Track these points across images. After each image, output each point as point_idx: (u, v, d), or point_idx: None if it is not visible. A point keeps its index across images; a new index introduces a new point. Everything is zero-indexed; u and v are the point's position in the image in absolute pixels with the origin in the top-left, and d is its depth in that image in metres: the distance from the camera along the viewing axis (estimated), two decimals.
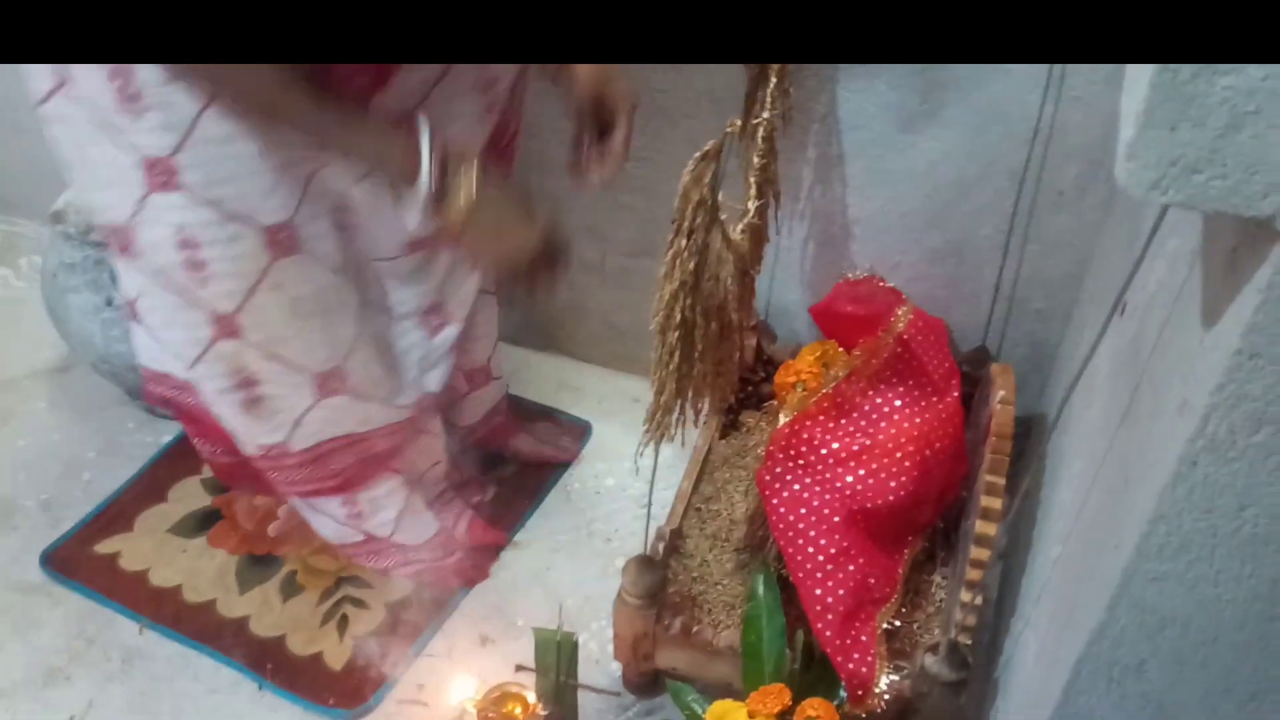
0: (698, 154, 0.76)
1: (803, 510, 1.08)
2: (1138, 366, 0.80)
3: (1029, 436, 1.38)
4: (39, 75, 1.00)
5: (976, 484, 1.12)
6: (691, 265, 0.82)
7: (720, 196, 0.85)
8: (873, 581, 1.08)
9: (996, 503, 1.07)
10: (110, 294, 1.41)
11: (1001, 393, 1.15)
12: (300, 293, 1.07)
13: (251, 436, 1.16)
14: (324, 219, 1.07)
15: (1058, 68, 1.11)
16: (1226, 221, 0.50)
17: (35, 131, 1.09)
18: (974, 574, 1.04)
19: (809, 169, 1.31)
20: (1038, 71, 1.13)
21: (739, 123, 0.76)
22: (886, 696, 1.01)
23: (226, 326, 1.08)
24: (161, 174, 0.98)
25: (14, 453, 1.53)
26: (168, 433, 1.55)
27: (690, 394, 0.97)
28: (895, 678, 1.02)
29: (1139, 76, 0.48)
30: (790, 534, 1.06)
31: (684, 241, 0.80)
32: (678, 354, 0.86)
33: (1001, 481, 1.07)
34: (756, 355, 1.40)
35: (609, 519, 1.44)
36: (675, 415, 0.94)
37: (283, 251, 1.04)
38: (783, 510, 1.08)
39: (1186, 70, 0.45)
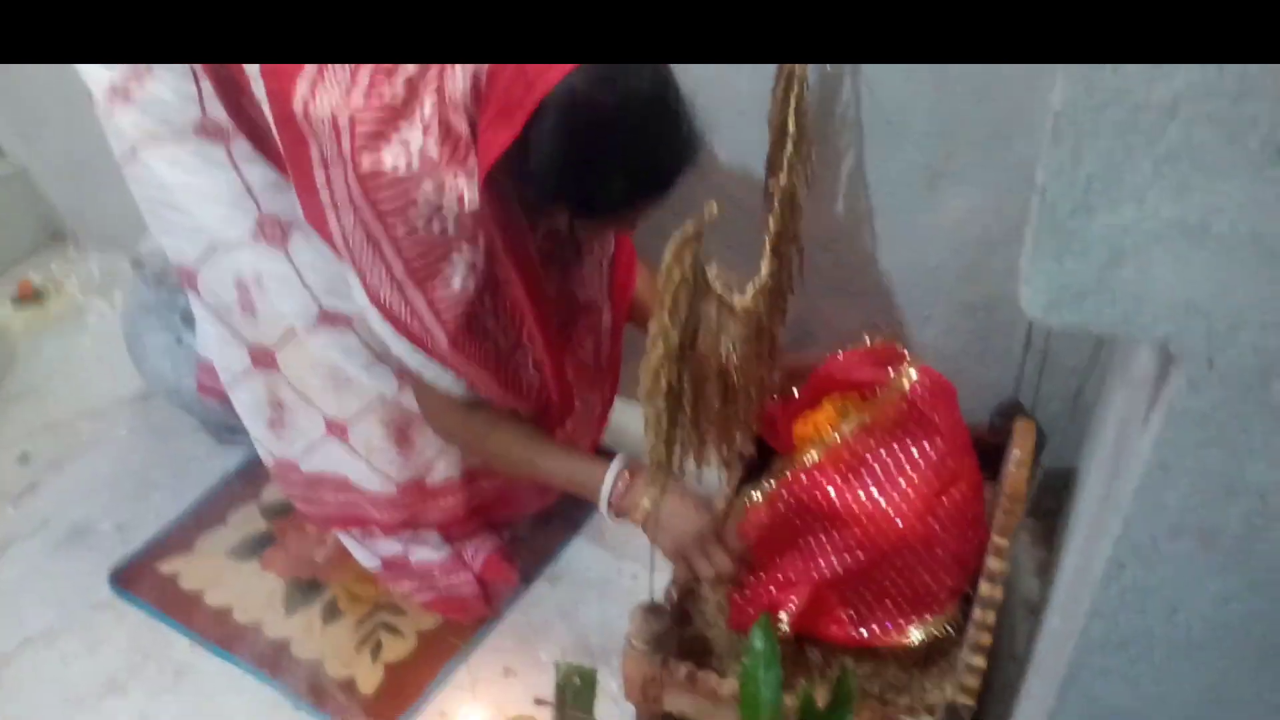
0: (678, 234, 0.80)
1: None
2: (1119, 447, 0.80)
3: (1067, 490, 1.36)
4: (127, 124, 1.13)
5: (990, 544, 1.12)
6: (676, 338, 0.85)
7: (716, 269, 0.89)
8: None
9: (1001, 565, 1.06)
10: (180, 333, 1.52)
11: (1017, 453, 1.15)
12: (319, 358, 1.20)
13: (268, 447, 1.33)
14: None
15: None
16: None
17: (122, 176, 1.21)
18: (976, 635, 1.04)
19: (836, 224, 1.33)
20: None
21: (715, 208, 0.79)
22: None
23: (266, 359, 1.25)
24: (274, 230, 1.15)
25: (96, 477, 1.66)
26: (233, 459, 1.66)
27: (691, 455, 1.00)
28: None
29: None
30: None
31: (667, 317, 0.83)
32: (665, 419, 0.89)
33: (1006, 543, 1.07)
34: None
35: (639, 556, 1.47)
36: (675, 473, 0.97)
37: (329, 323, 1.17)
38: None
39: (1065, 207, 0.47)
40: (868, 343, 1.25)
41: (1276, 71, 0.39)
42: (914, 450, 1.13)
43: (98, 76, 1.12)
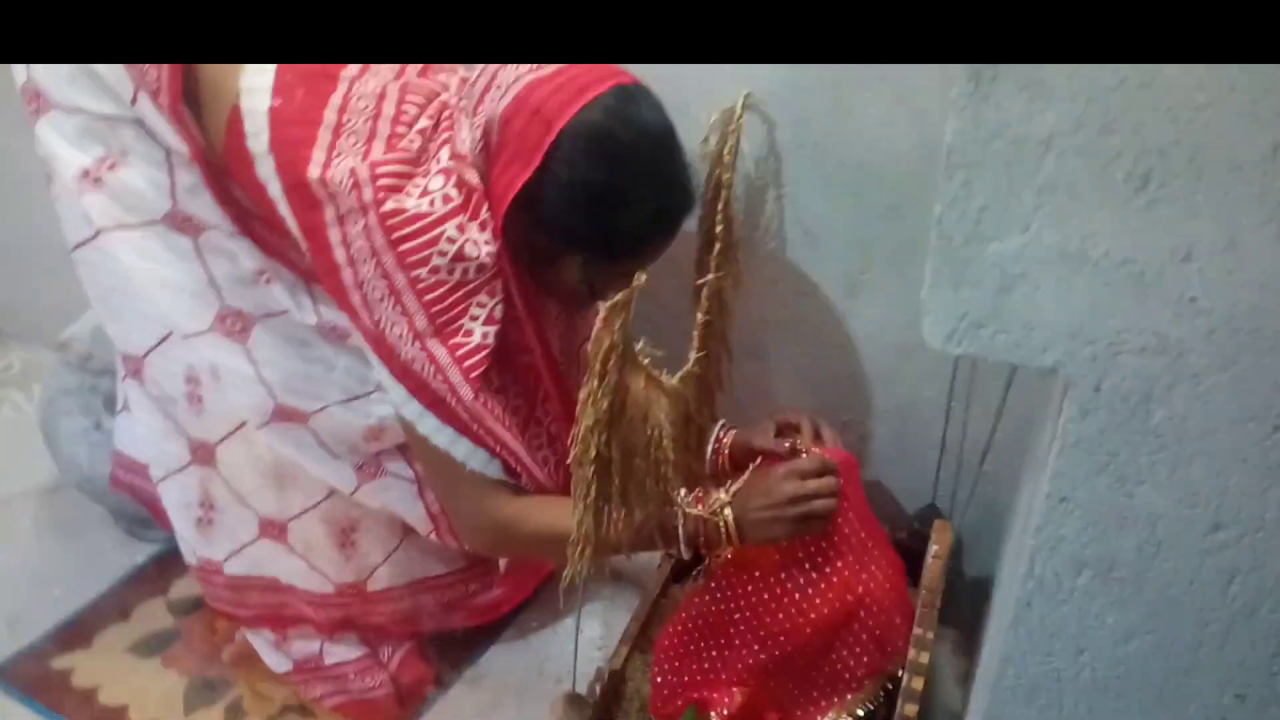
0: (608, 303, 0.83)
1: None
2: (1028, 502, 0.83)
3: (986, 600, 1.38)
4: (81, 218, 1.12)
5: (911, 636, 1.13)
6: (605, 404, 0.87)
7: (647, 345, 0.92)
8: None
9: (924, 656, 1.07)
10: (100, 418, 1.49)
11: (935, 548, 1.17)
12: (266, 455, 1.18)
13: (193, 548, 1.29)
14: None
15: None
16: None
17: (53, 267, 1.20)
18: None
19: (764, 330, 1.38)
20: None
21: (644, 277, 0.82)
22: None
23: (205, 455, 1.22)
24: (235, 324, 1.13)
25: None
26: (142, 554, 1.59)
27: (617, 530, 1.00)
28: None
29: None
30: None
31: (596, 383, 0.85)
32: (594, 488, 0.90)
33: (929, 635, 1.08)
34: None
35: (562, 658, 1.44)
36: (595, 549, 0.97)
37: (284, 419, 1.15)
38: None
39: (959, 237, 0.51)
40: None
41: (1139, 106, 0.44)
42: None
43: (68, 159, 1.10)
